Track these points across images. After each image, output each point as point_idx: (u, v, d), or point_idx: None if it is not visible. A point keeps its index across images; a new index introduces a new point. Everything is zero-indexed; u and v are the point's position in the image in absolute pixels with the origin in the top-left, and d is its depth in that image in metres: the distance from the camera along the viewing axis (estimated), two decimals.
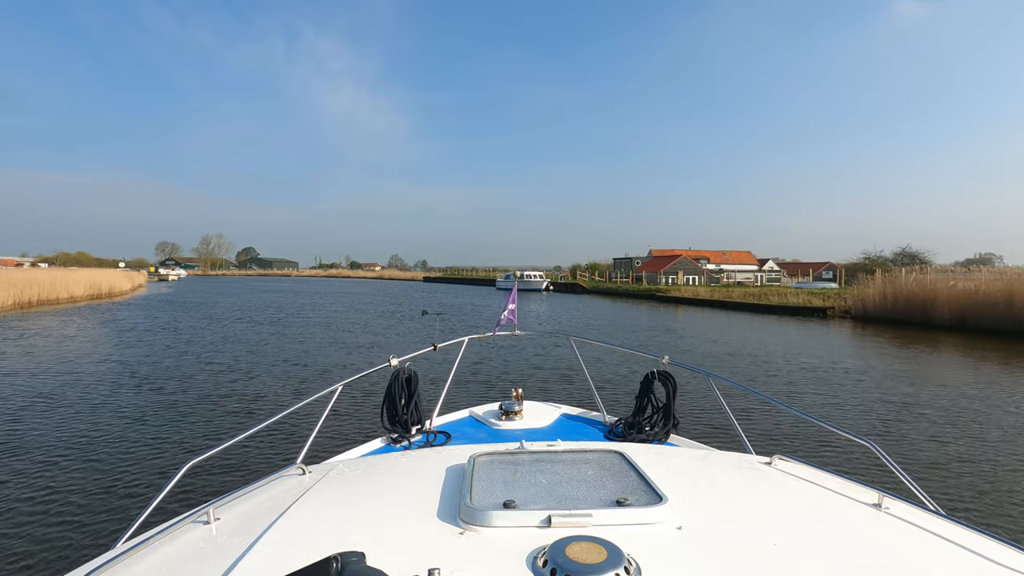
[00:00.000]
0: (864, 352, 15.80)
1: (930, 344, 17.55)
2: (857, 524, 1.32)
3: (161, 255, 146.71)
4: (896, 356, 15.11)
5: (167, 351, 13.94)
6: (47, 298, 29.63)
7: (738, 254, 76.47)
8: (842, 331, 21.82)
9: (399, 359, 3.16)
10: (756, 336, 19.52)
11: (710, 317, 27.86)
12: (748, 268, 70.85)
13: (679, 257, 65.86)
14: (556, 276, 75.67)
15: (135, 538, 1.32)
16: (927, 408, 9.02)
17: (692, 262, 65.32)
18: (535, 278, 60.53)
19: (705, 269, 64.82)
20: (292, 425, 6.76)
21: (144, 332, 17.89)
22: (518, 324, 4.11)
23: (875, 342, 18.21)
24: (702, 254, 72.45)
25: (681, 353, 14.81)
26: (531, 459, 1.60)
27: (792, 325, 23.85)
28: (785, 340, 18.36)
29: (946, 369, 13.24)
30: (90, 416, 7.78)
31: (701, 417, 7.77)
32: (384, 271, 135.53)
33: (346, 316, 25.54)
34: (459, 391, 9.20)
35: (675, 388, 3.11)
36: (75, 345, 14.63)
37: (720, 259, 73.36)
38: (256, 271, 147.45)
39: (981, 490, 5.61)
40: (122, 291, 41.33)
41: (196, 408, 8.37)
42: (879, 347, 16.94)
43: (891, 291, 25.47)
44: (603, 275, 71.78)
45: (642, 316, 28.73)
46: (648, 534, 1.19)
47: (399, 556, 1.11)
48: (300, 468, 1.78)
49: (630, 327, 23.12)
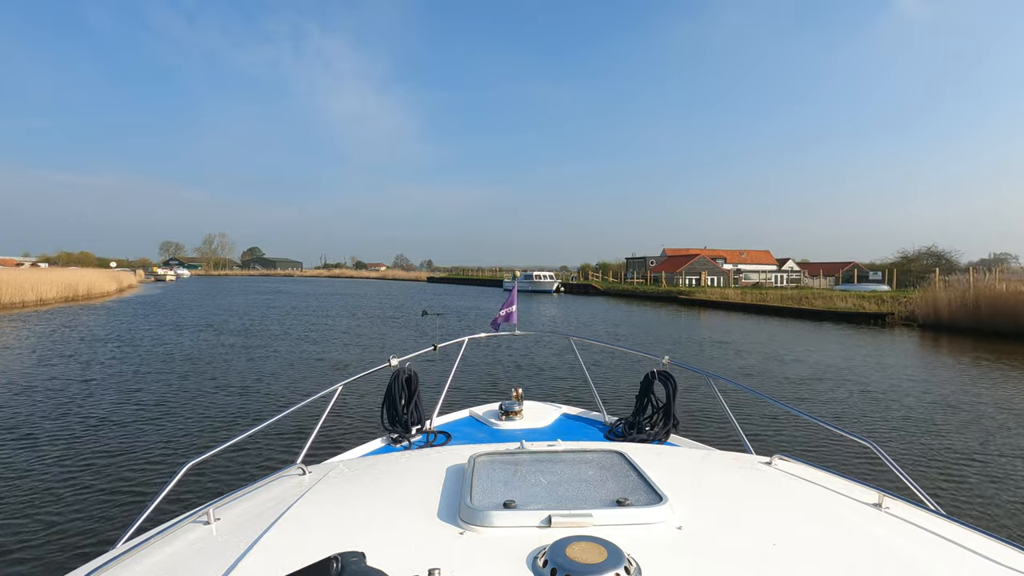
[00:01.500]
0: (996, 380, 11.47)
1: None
2: (857, 524, 1.32)
3: (165, 255, 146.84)
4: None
5: (87, 369, 11.32)
6: (9, 301, 26.99)
7: (756, 253, 73.00)
8: (923, 344, 17.92)
9: (399, 359, 3.17)
10: (834, 352, 15.43)
11: (751, 324, 23.94)
12: (767, 268, 67.62)
13: (696, 256, 61.97)
14: (567, 277, 70.67)
15: (135, 538, 1.32)
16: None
17: (711, 262, 61.49)
18: (545, 278, 55.06)
19: (725, 269, 61.18)
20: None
21: (80, 343, 14.88)
22: (518, 324, 4.11)
23: (981, 361, 13.93)
24: (718, 253, 68.53)
25: (763, 379, 11.42)
26: (531, 459, 1.60)
27: (849, 334, 20.16)
28: (877, 357, 14.59)
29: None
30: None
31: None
32: (388, 271, 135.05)
33: (327, 323, 22.07)
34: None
35: (675, 388, 3.11)
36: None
37: (737, 258, 70.02)
38: (259, 271, 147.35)
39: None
40: (104, 293, 38.56)
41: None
42: (995, 371, 12.64)
43: (972, 296, 20.92)
44: (615, 275, 68.92)
45: (671, 322, 25.14)
46: (648, 534, 1.19)
47: (399, 556, 1.11)
48: (300, 468, 1.78)
49: (668, 337, 19.01)
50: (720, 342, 17.77)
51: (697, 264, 59.80)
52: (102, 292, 38.44)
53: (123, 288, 45.84)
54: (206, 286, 58.76)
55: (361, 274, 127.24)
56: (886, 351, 16.19)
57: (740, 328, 22.38)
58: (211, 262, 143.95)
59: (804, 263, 70.87)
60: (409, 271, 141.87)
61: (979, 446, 7.05)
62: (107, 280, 42.24)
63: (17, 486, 5.36)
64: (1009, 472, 6.15)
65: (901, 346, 17.53)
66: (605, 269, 75.11)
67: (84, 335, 16.89)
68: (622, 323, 24.90)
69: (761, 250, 74.05)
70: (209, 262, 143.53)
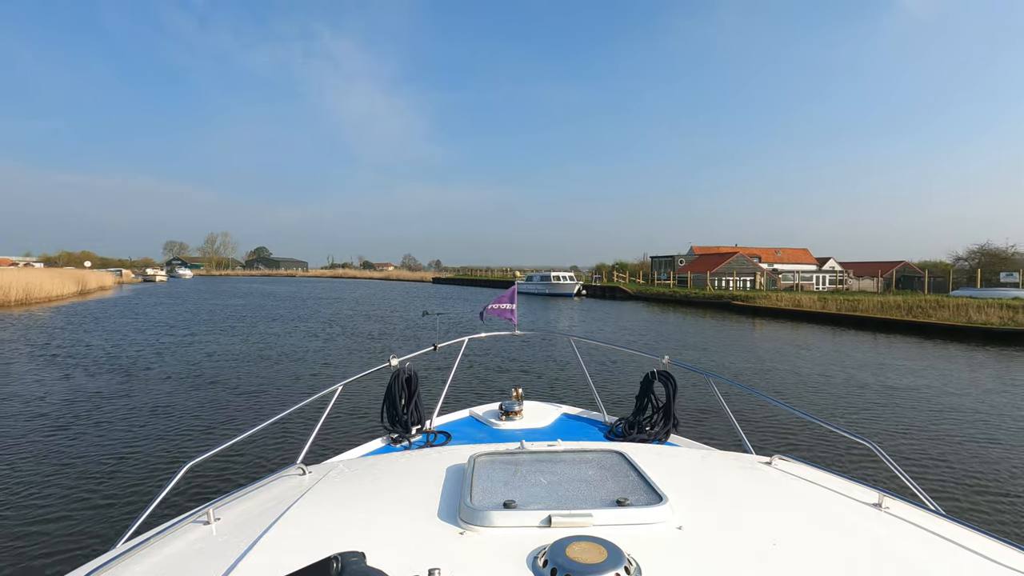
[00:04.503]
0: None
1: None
2: (857, 524, 1.32)
3: (168, 254, 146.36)
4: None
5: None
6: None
7: (793, 252, 64.22)
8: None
9: (399, 359, 3.17)
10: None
11: (856, 344, 17.21)
12: (806, 268, 58.39)
13: (734, 255, 52.83)
14: (588, 278, 61.03)
15: (135, 538, 1.33)
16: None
17: (750, 261, 52.81)
18: (564, 280, 46.81)
19: (766, 270, 51.96)
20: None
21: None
22: (518, 324, 4.11)
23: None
24: (752, 251, 59.93)
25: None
26: (531, 459, 1.60)
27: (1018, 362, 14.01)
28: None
29: None
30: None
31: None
32: (394, 272, 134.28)
33: (288, 340, 16.28)
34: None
35: (675, 388, 3.12)
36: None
37: (772, 257, 61.69)
38: (262, 271, 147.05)
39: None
40: (55, 297, 33.10)
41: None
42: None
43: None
44: (636, 275, 60.27)
45: (750, 340, 18.25)
46: (648, 534, 1.19)
47: (399, 556, 1.11)
48: (300, 468, 1.78)
49: (815, 383, 11.18)
50: (913, 390, 10.55)
51: (734, 263, 51.14)
52: (52, 296, 32.71)
53: (86, 291, 40.16)
54: (194, 287, 54.55)
55: (364, 274, 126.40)
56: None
57: (858, 352, 15.41)
58: (213, 262, 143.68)
59: (848, 263, 60.77)
60: (416, 271, 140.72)
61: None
62: (61, 281, 36.18)
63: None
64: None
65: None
66: (623, 269, 67.38)
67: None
68: (687, 342, 17.65)
69: (799, 248, 65.52)
70: (211, 262, 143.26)
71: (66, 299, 33.43)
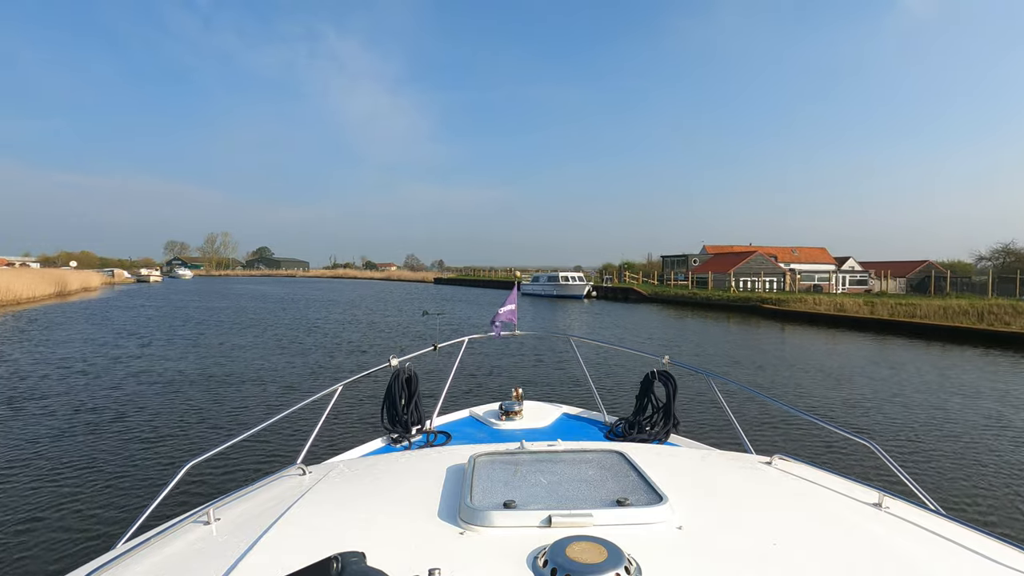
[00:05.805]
0: None
1: None
2: (857, 524, 1.32)
3: (169, 254, 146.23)
4: None
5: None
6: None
7: (810, 251, 61.27)
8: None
9: (399, 359, 3.17)
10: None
11: (924, 356, 14.88)
12: (825, 268, 55.20)
13: (752, 254, 50.31)
14: (598, 279, 57.44)
15: (135, 538, 1.33)
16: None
17: (769, 260, 50.24)
18: (573, 281, 43.96)
19: (786, 270, 48.89)
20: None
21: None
22: (518, 324, 4.12)
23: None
24: (768, 250, 56.69)
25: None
26: (531, 459, 1.60)
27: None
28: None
29: None
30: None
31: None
32: (395, 272, 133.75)
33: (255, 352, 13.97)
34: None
35: (675, 388, 3.12)
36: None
37: (789, 256, 58.73)
38: (263, 271, 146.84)
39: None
40: (24, 299, 30.38)
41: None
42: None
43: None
44: (647, 275, 56.68)
45: (804, 352, 15.65)
46: (648, 534, 1.19)
47: (399, 556, 1.11)
48: (300, 468, 1.78)
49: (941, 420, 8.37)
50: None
51: (754, 263, 48.47)
52: (21, 299, 30.23)
53: (65, 293, 37.71)
54: (187, 288, 52.86)
55: (365, 275, 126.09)
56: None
57: (965, 374, 12.37)
58: (213, 262, 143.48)
59: (867, 263, 58.11)
60: (418, 271, 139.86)
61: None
62: (33, 283, 33.32)
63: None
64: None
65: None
66: (631, 269, 64.89)
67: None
68: (729, 354, 15.24)
69: (816, 247, 62.29)
70: (211, 262, 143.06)
71: (39, 302, 30.79)
